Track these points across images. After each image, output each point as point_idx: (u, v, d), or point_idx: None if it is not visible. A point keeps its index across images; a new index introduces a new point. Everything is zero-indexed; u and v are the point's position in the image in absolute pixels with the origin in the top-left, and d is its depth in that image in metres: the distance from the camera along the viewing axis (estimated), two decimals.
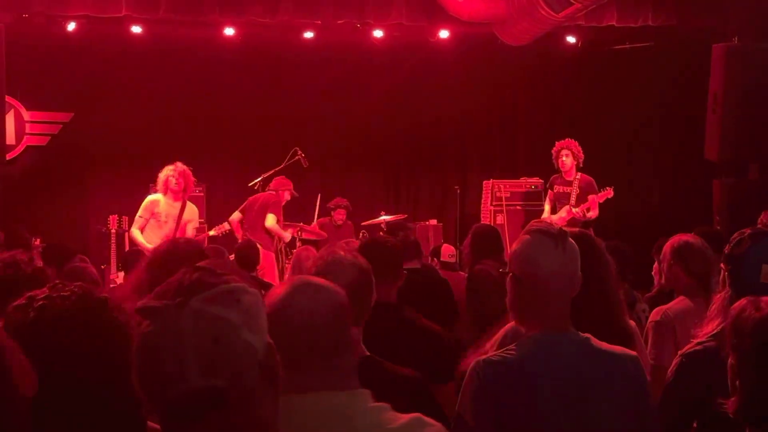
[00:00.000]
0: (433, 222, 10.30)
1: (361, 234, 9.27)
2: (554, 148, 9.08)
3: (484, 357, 2.24)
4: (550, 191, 9.21)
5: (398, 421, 1.65)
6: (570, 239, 2.26)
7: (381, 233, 8.94)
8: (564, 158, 8.94)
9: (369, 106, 10.54)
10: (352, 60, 10.30)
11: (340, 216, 9.43)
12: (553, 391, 2.14)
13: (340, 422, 1.62)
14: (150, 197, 7.78)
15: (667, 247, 3.91)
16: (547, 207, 9.24)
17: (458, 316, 4.76)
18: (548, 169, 10.06)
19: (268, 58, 10.20)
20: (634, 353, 2.32)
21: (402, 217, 9.56)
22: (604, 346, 2.26)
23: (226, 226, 8.42)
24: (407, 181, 11.19)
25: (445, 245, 7.28)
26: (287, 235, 8.83)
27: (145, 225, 7.62)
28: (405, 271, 3.37)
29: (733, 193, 7.81)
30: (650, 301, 4.61)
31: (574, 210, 8.67)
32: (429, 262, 6.48)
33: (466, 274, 5.38)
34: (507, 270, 2.32)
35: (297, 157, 8.95)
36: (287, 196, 8.80)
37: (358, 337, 2.27)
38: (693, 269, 3.77)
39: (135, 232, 7.61)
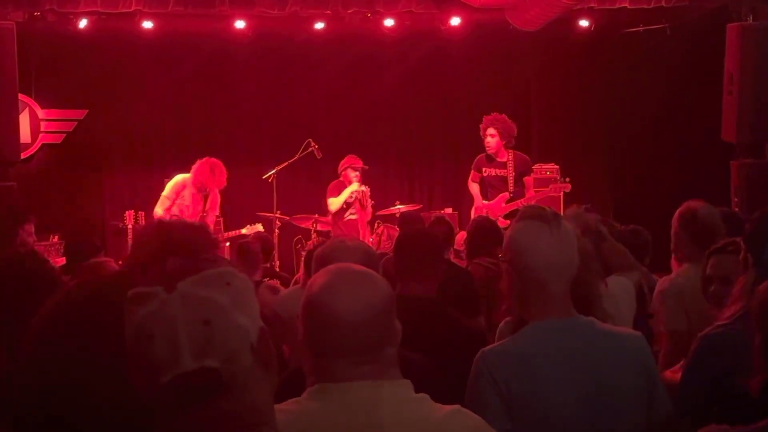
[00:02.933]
0: (449, 211, 10.26)
1: (376, 224, 9.26)
2: (482, 124, 8.39)
3: (488, 348, 2.22)
4: (475, 172, 8.52)
5: (439, 412, 1.66)
6: (564, 222, 2.24)
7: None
8: (489, 138, 8.17)
9: (381, 96, 10.52)
10: (363, 50, 10.27)
11: None
12: (561, 377, 2.12)
13: (382, 413, 1.62)
14: (178, 177, 7.81)
15: (675, 215, 3.94)
16: (474, 189, 8.56)
17: (480, 310, 4.72)
18: (563, 156, 10.02)
19: (279, 50, 10.18)
20: (638, 333, 2.32)
21: (417, 207, 9.52)
22: (609, 328, 2.26)
23: (259, 228, 8.43)
24: (421, 170, 11.15)
25: (459, 233, 7.27)
26: (350, 195, 8.75)
27: (171, 207, 7.64)
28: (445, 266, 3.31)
29: (751, 174, 7.73)
30: None
31: (508, 196, 8.22)
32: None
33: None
34: (502, 259, 2.29)
35: (310, 149, 8.93)
36: (350, 173, 8.78)
37: None
38: (698, 236, 3.77)
39: (158, 213, 7.64)
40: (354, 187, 8.72)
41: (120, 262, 8.82)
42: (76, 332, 1.38)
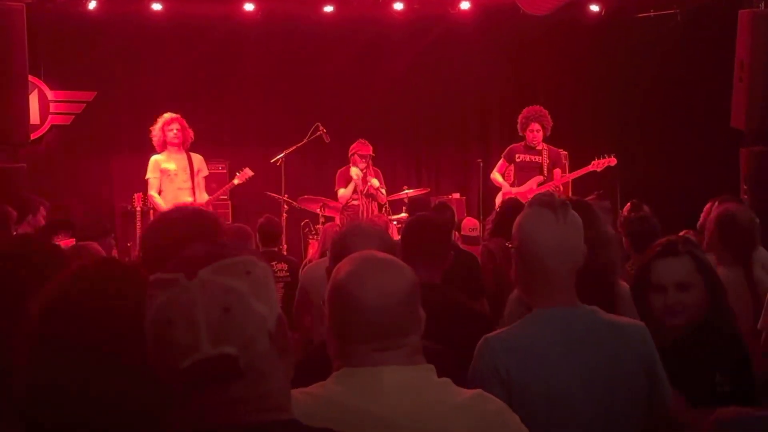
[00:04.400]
0: (456, 195, 10.26)
1: (383, 210, 9.26)
2: (522, 115, 8.61)
3: (491, 335, 2.23)
4: (505, 162, 8.74)
5: (462, 396, 1.69)
6: (572, 211, 2.24)
7: (404, 207, 8.96)
8: (534, 132, 8.46)
9: (390, 80, 10.50)
10: (372, 33, 10.24)
11: None
12: (564, 365, 2.13)
13: (408, 396, 1.65)
14: (153, 158, 7.99)
15: (712, 215, 3.89)
16: (499, 178, 8.73)
17: (484, 292, 4.75)
18: (571, 141, 9.98)
19: (288, 33, 10.16)
20: (641, 323, 2.31)
21: (425, 191, 9.53)
22: (612, 317, 2.26)
23: (248, 172, 8.43)
24: (429, 154, 11.15)
25: (466, 219, 7.27)
26: (354, 188, 8.74)
27: (161, 185, 7.82)
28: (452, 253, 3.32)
29: (760, 161, 7.69)
30: None
31: (542, 179, 8.36)
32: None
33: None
34: (510, 245, 2.31)
35: (319, 133, 8.92)
36: (357, 160, 8.78)
37: None
38: (735, 242, 3.73)
39: (154, 195, 7.86)
40: (354, 171, 8.71)
41: (129, 244, 8.91)
42: (76, 330, 1.39)
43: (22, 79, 7.54)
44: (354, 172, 8.67)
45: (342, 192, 8.83)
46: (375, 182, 8.83)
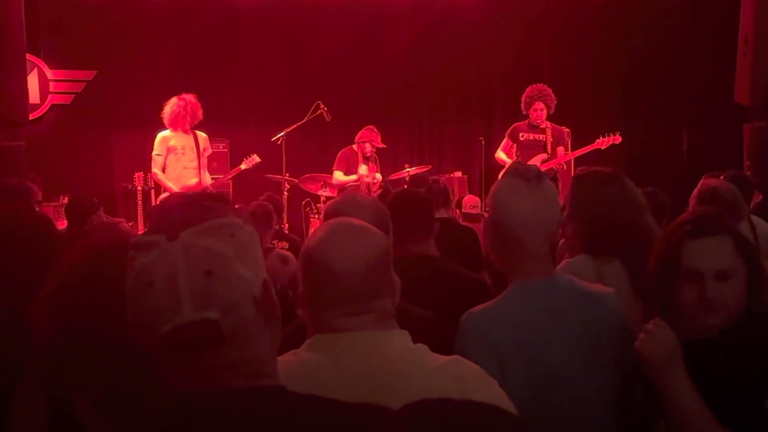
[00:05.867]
0: (458, 174, 10.23)
1: (385, 186, 9.25)
2: (525, 94, 8.51)
3: (474, 309, 2.21)
4: (509, 141, 8.59)
5: (436, 362, 1.66)
6: (547, 181, 2.23)
7: (405, 185, 8.93)
8: (538, 111, 8.33)
9: (392, 57, 10.43)
10: (373, 10, 10.18)
11: None
12: (551, 337, 2.13)
13: (379, 362, 1.63)
14: (160, 134, 7.89)
15: (694, 192, 3.81)
16: (504, 156, 8.56)
17: (484, 267, 4.74)
18: (575, 119, 9.93)
19: (288, 9, 10.10)
20: (610, 289, 2.31)
21: (426, 169, 9.50)
22: (588, 286, 2.27)
23: (256, 158, 8.39)
24: (431, 132, 11.10)
25: (467, 196, 7.25)
26: (354, 177, 8.74)
27: (165, 162, 7.73)
28: (437, 222, 3.31)
29: (764, 137, 7.65)
30: None
31: (546, 156, 8.28)
32: (452, 213, 6.46)
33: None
34: (485, 213, 2.30)
35: (320, 111, 8.87)
36: (367, 150, 8.76)
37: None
38: None
39: (158, 173, 7.76)
40: (363, 169, 8.70)
41: (131, 224, 8.89)
42: (84, 318, 1.37)
43: (20, 58, 7.49)
44: (362, 170, 8.65)
45: (340, 175, 8.77)
46: (378, 176, 8.83)
